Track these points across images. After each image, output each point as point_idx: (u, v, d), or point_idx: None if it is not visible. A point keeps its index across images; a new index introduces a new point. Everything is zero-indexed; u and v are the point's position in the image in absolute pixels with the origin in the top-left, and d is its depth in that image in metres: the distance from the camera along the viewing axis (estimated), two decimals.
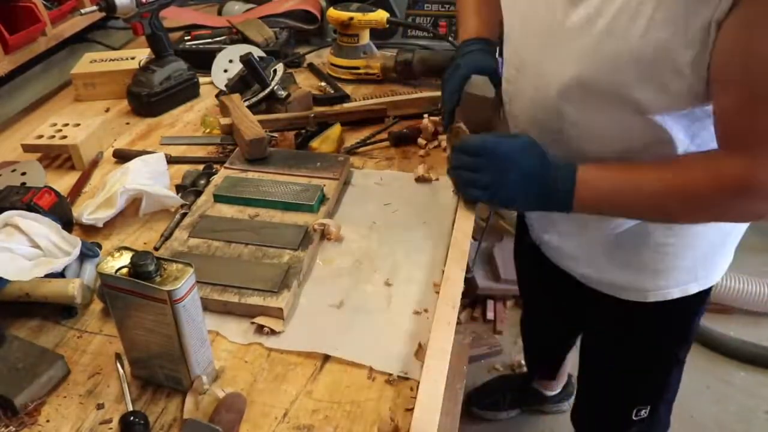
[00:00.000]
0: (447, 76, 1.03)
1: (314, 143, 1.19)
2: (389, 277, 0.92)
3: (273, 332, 0.83)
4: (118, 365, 0.77)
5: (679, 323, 1.11)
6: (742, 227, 1.03)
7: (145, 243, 1.00)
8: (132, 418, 0.70)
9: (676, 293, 1.02)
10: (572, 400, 1.85)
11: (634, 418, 1.22)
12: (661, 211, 0.83)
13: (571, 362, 1.77)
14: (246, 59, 1.29)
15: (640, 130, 0.83)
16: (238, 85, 1.35)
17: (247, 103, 1.29)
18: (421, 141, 1.23)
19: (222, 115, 1.30)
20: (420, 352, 0.79)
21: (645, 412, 1.22)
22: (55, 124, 1.24)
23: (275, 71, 1.33)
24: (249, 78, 1.34)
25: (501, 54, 1.03)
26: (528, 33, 0.90)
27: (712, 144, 0.79)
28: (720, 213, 0.82)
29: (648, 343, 1.14)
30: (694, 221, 0.91)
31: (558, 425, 1.84)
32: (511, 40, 0.96)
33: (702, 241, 0.98)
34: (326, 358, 0.80)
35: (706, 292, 1.06)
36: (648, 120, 0.81)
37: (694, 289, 1.03)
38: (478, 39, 1.05)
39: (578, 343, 1.39)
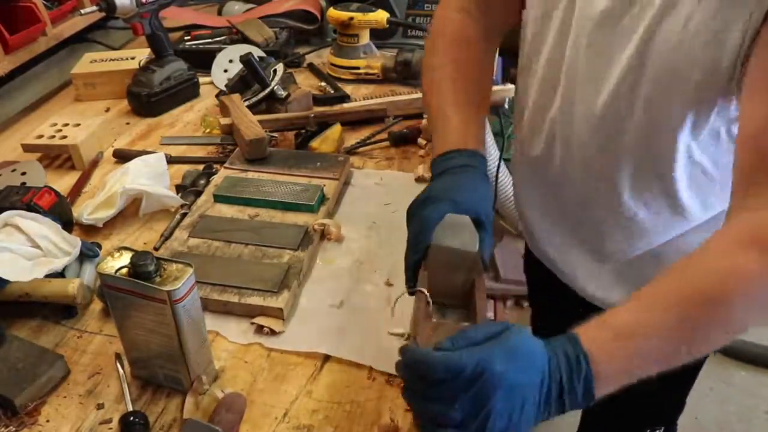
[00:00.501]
0: (412, 211, 0.75)
1: (314, 143, 1.19)
2: (389, 277, 0.92)
3: (273, 332, 0.83)
4: (118, 365, 0.77)
5: None
6: None
7: (145, 243, 1.00)
8: (132, 418, 0.70)
9: None
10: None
11: None
12: (706, 335, 0.61)
13: None
14: (246, 59, 1.29)
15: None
16: (238, 85, 1.35)
17: (247, 103, 1.29)
18: (421, 141, 1.23)
19: (222, 115, 1.30)
20: None
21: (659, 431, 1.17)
22: (55, 124, 1.24)
23: (275, 71, 1.33)
24: (249, 78, 1.34)
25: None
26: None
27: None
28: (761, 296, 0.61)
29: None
30: (755, 318, 0.65)
31: (573, 424, 1.83)
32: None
33: None
34: (326, 358, 0.80)
35: None
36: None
37: None
38: (461, 151, 0.78)
39: None
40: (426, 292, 0.67)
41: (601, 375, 0.56)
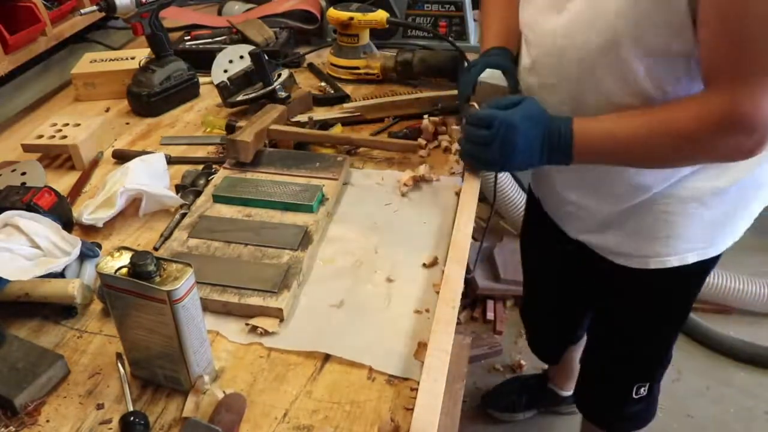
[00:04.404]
0: (464, 71, 1.10)
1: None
2: (389, 277, 0.92)
3: (267, 332, 0.83)
4: (119, 365, 0.77)
5: (678, 294, 1.15)
6: (748, 204, 1.04)
7: (144, 243, 1.00)
8: (132, 418, 0.70)
9: (674, 261, 1.05)
10: None
11: (634, 396, 1.27)
12: (653, 154, 0.88)
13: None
14: (256, 53, 1.29)
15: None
16: (241, 80, 1.35)
17: (246, 98, 1.30)
18: (421, 141, 1.23)
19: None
20: (420, 352, 0.79)
21: (644, 390, 1.27)
22: (55, 124, 1.24)
23: (280, 75, 1.33)
24: (253, 75, 1.34)
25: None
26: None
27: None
28: (707, 151, 0.84)
29: (644, 315, 1.18)
30: (686, 162, 0.92)
31: (575, 426, 1.83)
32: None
33: (702, 213, 1.00)
34: (326, 358, 0.80)
35: (706, 264, 1.07)
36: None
37: (692, 258, 1.05)
38: (497, 48, 1.09)
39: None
40: (476, 106, 1.03)
41: (577, 151, 0.89)
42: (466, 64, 1.16)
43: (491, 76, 1.09)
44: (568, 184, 1.10)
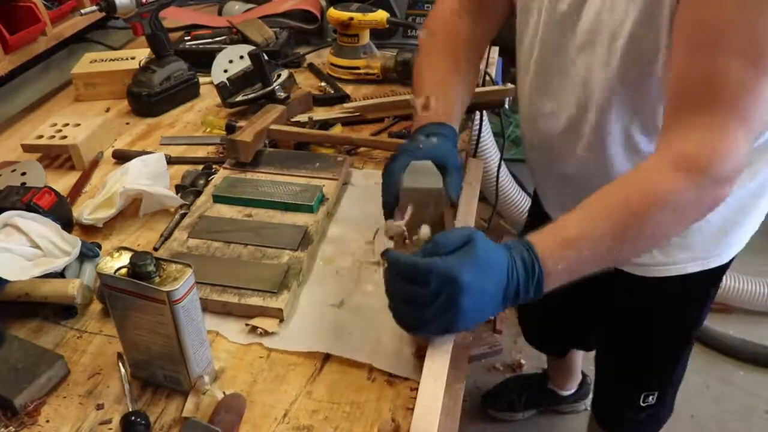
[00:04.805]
0: (384, 168, 0.87)
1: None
2: None
3: (266, 333, 0.83)
4: (120, 365, 0.77)
5: (682, 304, 1.13)
6: (750, 217, 1.02)
7: (144, 243, 1.00)
8: (133, 417, 0.70)
9: (673, 271, 1.04)
10: (588, 400, 1.85)
11: (642, 404, 1.25)
12: (634, 242, 0.73)
13: (583, 362, 1.77)
14: (255, 53, 1.29)
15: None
16: (240, 80, 1.35)
17: (245, 98, 1.29)
18: None
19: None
20: (420, 352, 0.79)
21: (653, 398, 1.25)
22: (55, 124, 1.24)
23: (279, 75, 1.33)
24: (252, 75, 1.34)
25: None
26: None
27: None
28: (686, 211, 0.74)
29: (650, 325, 1.17)
30: (670, 234, 0.78)
31: (574, 426, 1.84)
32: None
33: (703, 223, 0.98)
34: (326, 358, 0.80)
35: (710, 274, 1.06)
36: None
37: (692, 269, 1.04)
38: (435, 124, 0.90)
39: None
40: (403, 226, 0.79)
41: (550, 275, 0.69)
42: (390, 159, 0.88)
43: (422, 170, 0.83)
44: (565, 191, 1.07)
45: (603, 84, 0.87)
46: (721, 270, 1.07)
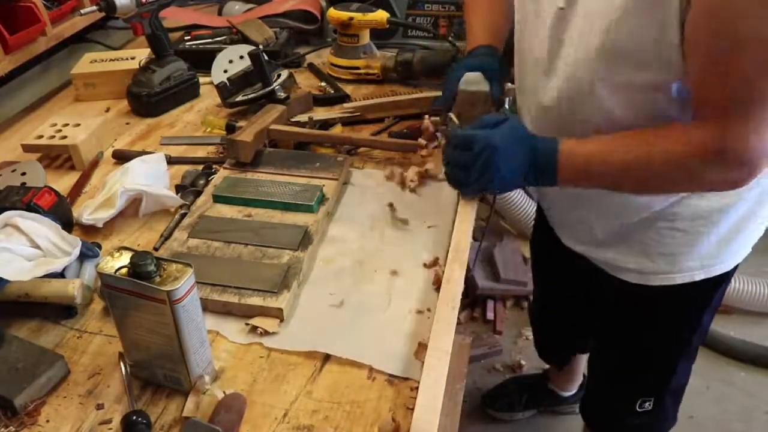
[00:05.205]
0: (445, 78, 1.07)
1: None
2: (389, 277, 0.92)
3: (267, 333, 0.83)
4: (122, 365, 0.77)
5: (683, 312, 1.11)
6: (755, 222, 1.01)
7: (144, 243, 1.00)
8: (134, 417, 0.70)
9: (678, 279, 1.02)
10: None
11: (638, 409, 1.23)
12: (636, 179, 0.85)
13: (585, 363, 1.77)
14: (255, 53, 1.29)
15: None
16: (240, 80, 1.35)
17: (245, 98, 1.29)
18: (421, 141, 1.22)
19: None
20: (420, 352, 0.79)
21: (649, 404, 1.23)
22: (55, 124, 1.24)
23: (279, 75, 1.33)
24: (252, 75, 1.34)
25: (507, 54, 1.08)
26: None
27: None
28: (696, 180, 0.84)
29: (650, 331, 1.15)
30: (669, 190, 0.91)
31: (574, 426, 1.83)
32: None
33: (709, 230, 0.98)
34: (326, 358, 0.80)
35: (714, 283, 1.05)
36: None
37: (698, 276, 1.02)
38: (482, 47, 1.07)
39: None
40: (454, 118, 1.01)
41: (562, 173, 0.86)
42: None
43: (474, 80, 1.03)
44: (566, 198, 1.08)
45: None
46: (726, 276, 1.05)
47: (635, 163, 0.83)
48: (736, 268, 1.06)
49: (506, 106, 1.26)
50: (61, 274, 0.89)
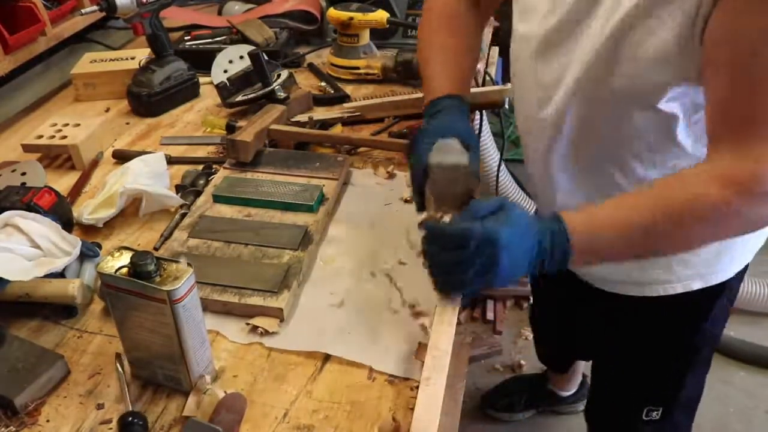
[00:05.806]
0: (410, 147, 0.89)
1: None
2: (390, 277, 0.92)
3: (267, 332, 0.83)
4: (118, 365, 0.77)
5: (681, 322, 1.09)
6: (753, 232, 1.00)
7: (144, 243, 1.00)
8: (130, 418, 0.70)
9: (679, 288, 1.00)
10: None
11: (644, 418, 1.20)
12: (670, 240, 0.75)
13: (585, 363, 1.77)
14: (254, 53, 1.29)
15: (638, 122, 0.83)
16: (240, 80, 1.35)
17: (245, 98, 1.29)
18: None
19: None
20: (420, 352, 0.79)
21: (657, 414, 1.19)
22: (55, 124, 1.24)
23: (279, 75, 1.33)
24: (252, 75, 1.34)
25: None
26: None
27: None
28: (736, 224, 0.74)
29: (649, 342, 1.13)
30: (713, 239, 0.79)
31: (574, 426, 1.84)
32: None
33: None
34: (326, 358, 0.80)
35: (713, 293, 1.03)
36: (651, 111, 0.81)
37: (696, 285, 1.00)
38: (447, 97, 0.92)
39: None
40: (432, 205, 0.82)
41: (575, 253, 0.72)
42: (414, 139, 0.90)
43: (449, 149, 0.84)
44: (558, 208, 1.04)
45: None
46: (726, 285, 1.03)
47: (663, 223, 0.72)
48: (739, 277, 1.04)
49: (506, 105, 1.26)
50: (61, 274, 0.89)
